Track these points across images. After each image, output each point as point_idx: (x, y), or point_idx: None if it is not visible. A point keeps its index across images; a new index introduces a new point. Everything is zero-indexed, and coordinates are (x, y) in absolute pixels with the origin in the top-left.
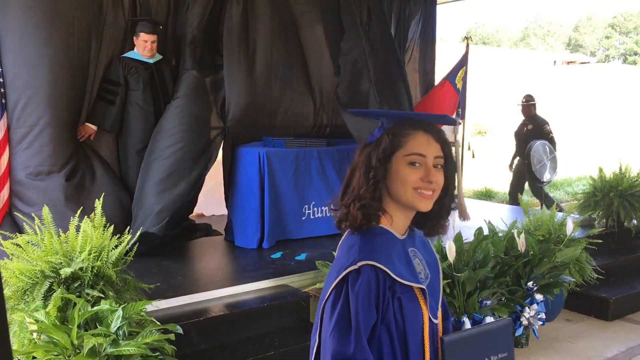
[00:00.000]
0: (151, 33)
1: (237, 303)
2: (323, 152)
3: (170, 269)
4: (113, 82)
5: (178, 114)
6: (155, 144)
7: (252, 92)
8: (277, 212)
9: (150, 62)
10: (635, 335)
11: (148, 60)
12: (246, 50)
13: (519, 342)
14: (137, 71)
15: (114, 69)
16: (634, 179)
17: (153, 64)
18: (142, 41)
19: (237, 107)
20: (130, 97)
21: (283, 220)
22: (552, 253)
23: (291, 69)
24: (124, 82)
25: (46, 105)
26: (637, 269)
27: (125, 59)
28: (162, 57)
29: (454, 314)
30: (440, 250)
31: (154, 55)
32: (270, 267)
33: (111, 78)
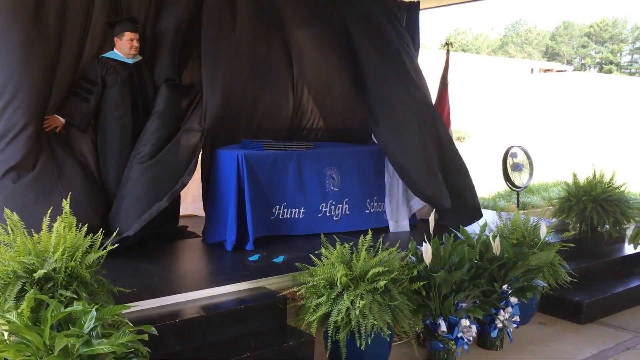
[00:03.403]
0: (134, 31)
1: (214, 305)
2: (302, 155)
3: (146, 271)
4: (90, 80)
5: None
6: (137, 154)
7: (231, 94)
8: (258, 214)
9: (130, 63)
10: (608, 339)
11: (127, 60)
12: (225, 51)
13: (494, 345)
14: (116, 71)
15: (92, 68)
16: (607, 184)
17: (132, 65)
18: (128, 40)
19: (216, 109)
20: (108, 97)
21: (258, 222)
22: (527, 256)
23: (273, 71)
24: (101, 82)
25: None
26: (609, 273)
27: (104, 59)
28: (141, 58)
29: (429, 315)
30: (416, 253)
31: (134, 55)
32: (248, 269)
33: (88, 76)
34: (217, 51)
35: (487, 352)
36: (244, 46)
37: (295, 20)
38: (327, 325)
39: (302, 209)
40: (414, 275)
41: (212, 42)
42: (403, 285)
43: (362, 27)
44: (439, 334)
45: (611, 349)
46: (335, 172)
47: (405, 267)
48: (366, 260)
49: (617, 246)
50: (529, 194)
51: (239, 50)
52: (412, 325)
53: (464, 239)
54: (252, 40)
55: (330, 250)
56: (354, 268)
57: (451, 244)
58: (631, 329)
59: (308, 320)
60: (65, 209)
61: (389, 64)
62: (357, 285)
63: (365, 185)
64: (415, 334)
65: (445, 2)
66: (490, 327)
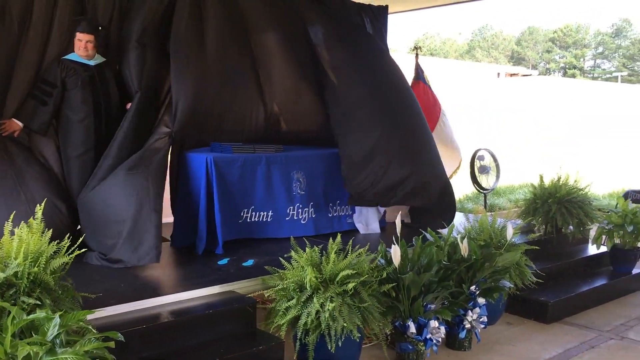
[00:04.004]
0: (86, 32)
1: (182, 310)
2: (271, 159)
3: (112, 276)
4: (49, 82)
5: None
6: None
7: (201, 97)
8: (230, 217)
9: (91, 64)
10: (572, 337)
11: (88, 62)
12: (196, 53)
13: (462, 345)
14: (76, 73)
15: (52, 70)
16: (571, 186)
17: (94, 66)
18: (77, 40)
19: (185, 112)
20: (69, 100)
21: (226, 225)
22: (494, 258)
23: (243, 74)
24: (61, 85)
25: None
26: (574, 273)
27: (64, 60)
28: (104, 59)
29: (399, 317)
30: (385, 255)
31: (92, 56)
32: (217, 273)
33: (48, 79)
34: (186, 55)
35: (455, 352)
36: (212, 50)
37: (262, 25)
38: (296, 328)
39: (270, 212)
40: (383, 278)
41: (181, 45)
42: (372, 288)
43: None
44: (408, 335)
45: (576, 347)
46: (302, 176)
47: (375, 269)
48: (336, 263)
49: (581, 247)
50: (496, 196)
51: (208, 54)
52: (382, 327)
53: (433, 240)
54: (221, 44)
55: (300, 253)
56: (324, 271)
57: (420, 245)
58: (595, 328)
59: (278, 324)
60: (37, 214)
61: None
62: (327, 288)
63: (330, 188)
64: (385, 335)
65: (413, 7)
66: (458, 328)
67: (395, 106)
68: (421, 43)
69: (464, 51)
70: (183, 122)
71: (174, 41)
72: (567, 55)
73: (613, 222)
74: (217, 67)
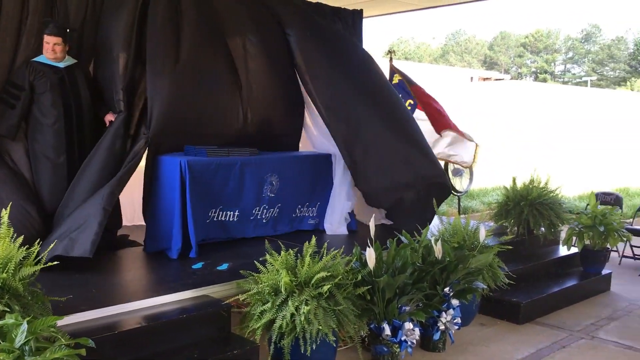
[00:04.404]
0: (54, 35)
1: (155, 315)
2: (246, 162)
3: (84, 282)
4: (17, 86)
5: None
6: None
7: (177, 101)
8: (203, 221)
9: (60, 67)
10: (544, 337)
11: (58, 64)
12: (171, 56)
13: (437, 347)
14: (45, 75)
15: (20, 73)
16: (542, 189)
17: (64, 69)
18: (45, 43)
19: (161, 117)
20: (39, 103)
21: (208, 228)
22: (467, 259)
23: (219, 77)
24: (29, 88)
25: None
26: (545, 274)
27: (33, 63)
28: (75, 61)
29: (374, 320)
30: (360, 257)
31: (61, 59)
32: (191, 277)
33: (16, 82)
34: (162, 59)
35: (430, 354)
36: (188, 53)
37: (237, 28)
38: (271, 332)
39: (236, 212)
40: (358, 280)
41: (156, 50)
42: (347, 290)
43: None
44: (383, 337)
45: (547, 347)
46: (275, 179)
47: (350, 272)
48: (310, 265)
49: (552, 248)
50: (469, 198)
51: (184, 58)
52: (357, 329)
53: (407, 242)
54: (197, 47)
55: (274, 256)
56: (299, 274)
57: (394, 248)
58: (566, 328)
59: (252, 328)
60: (3, 219)
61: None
62: (302, 291)
63: (301, 191)
64: (360, 338)
65: (387, 11)
66: (432, 329)
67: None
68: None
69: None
70: (159, 127)
71: (149, 46)
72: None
73: (583, 223)
74: (193, 71)
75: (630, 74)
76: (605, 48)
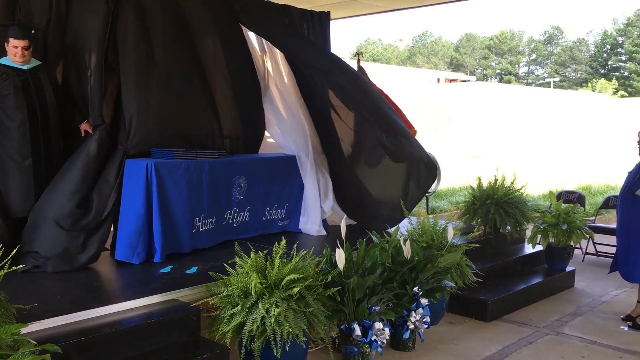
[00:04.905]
0: (21, 38)
1: (123, 320)
2: (214, 164)
3: (49, 288)
4: None
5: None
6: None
7: (152, 108)
8: (169, 225)
9: (24, 69)
10: (511, 335)
11: (21, 66)
12: (144, 63)
13: (407, 346)
14: (9, 78)
15: None
16: (508, 188)
17: (28, 71)
18: (12, 47)
19: (140, 128)
20: (2, 105)
21: (175, 234)
22: (435, 259)
23: (185, 80)
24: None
25: None
26: (511, 272)
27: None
28: (40, 63)
29: (344, 320)
30: (330, 259)
31: (28, 62)
32: (159, 281)
33: None
34: (135, 65)
35: (400, 353)
36: (160, 58)
37: (204, 30)
38: (242, 335)
39: (214, 219)
40: (328, 281)
41: (129, 56)
42: (318, 292)
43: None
44: (353, 338)
45: (514, 344)
46: (243, 181)
47: (320, 273)
48: (280, 267)
49: (518, 246)
50: (437, 198)
51: (156, 63)
52: (328, 330)
53: (377, 242)
54: (167, 51)
55: (244, 259)
56: (269, 276)
57: (364, 248)
58: (532, 324)
59: (222, 331)
60: None
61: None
62: (272, 293)
63: (269, 193)
64: (331, 339)
65: (354, 13)
66: (402, 328)
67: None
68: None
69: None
70: (138, 138)
71: (122, 54)
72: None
73: (547, 221)
74: (166, 77)
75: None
76: (567, 50)
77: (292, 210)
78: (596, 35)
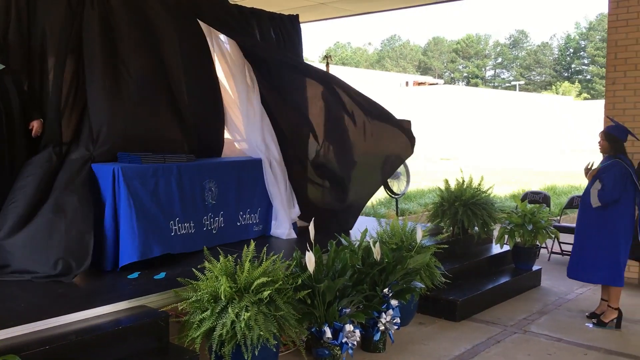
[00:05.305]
0: None
1: (89, 328)
2: (183, 168)
3: (11, 296)
4: None
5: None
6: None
7: (120, 116)
8: (139, 230)
9: None
10: (480, 334)
11: None
12: (109, 67)
13: (377, 347)
14: None
15: None
16: (475, 189)
17: None
18: None
19: (108, 135)
20: None
21: (147, 238)
22: (405, 260)
23: (150, 84)
24: None
25: None
26: (480, 272)
27: None
28: (3, 67)
29: (315, 323)
30: (300, 262)
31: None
32: (127, 287)
33: None
34: (100, 70)
35: (370, 355)
36: (125, 63)
37: (167, 35)
38: (211, 340)
39: (192, 223)
40: (298, 284)
41: (94, 61)
42: (288, 295)
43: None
44: (324, 340)
45: (483, 343)
46: (214, 185)
47: (290, 276)
48: (250, 271)
49: (485, 246)
50: (407, 200)
51: (121, 68)
52: (298, 333)
53: (347, 244)
54: (132, 57)
55: (213, 263)
56: (239, 280)
57: (334, 251)
58: (501, 323)
59: (192, 337)
60: None
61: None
62: (242, 297)
63: (240, 197)
64: (302, 342)
65: (323, 16)
66: (373, 330)
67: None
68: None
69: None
70: (107, 146)
71: (88, 62)
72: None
73: (514, 222)
74: (131, 82)
75: (555, 79)
76: (531, 54)
77: (265, 214)
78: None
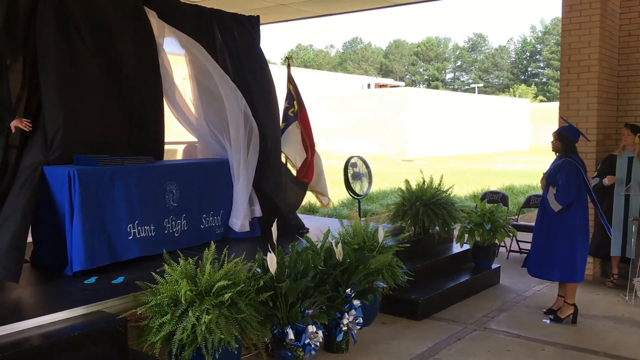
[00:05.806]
0: None
1: (44, 334)
2: (142, 170)
3: None
4: None
5: None
6: None
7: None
8: (96, 233)
9: None
10: (441, 332)
11: None
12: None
13: (340, 348)
14: None
15: None
16: (436, 189)
17: None
18: None
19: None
20: None
21: (104, 242)
22: (367, 260)
23: (103, 86)
24: None
25: None
26: (441, 271)
27: None
28: None
29: (277, 325)
30: (262, 263)
31: None
32: (83, 292)
33: None
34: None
35: (333, 355)
36: (79, 64)
37: (119, 37)
38: (171, 344)
39: (152, 226)
40: (260, 286)
41: (48, 63)
42: (250, 297)
43: None
44: (287, 342)
45: (444, 341)
46: (175, 187)
47: (252, 278)
48: (211, 274)
49: (446, 245)
50: (369, 201)
51: (75, 69)
52: (261, 336)
53: (309, 245)
54: (86, 58)
55: (173, 266)
56: (199, 283)
57: (296, 252)
58: (461, 321)
59: (151, 341)
60: None
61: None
62: (203, 301)
63: (203, 199)
64: (264, 344)
65: (284, 18)
66: (335, 330)
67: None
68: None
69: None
70: (61, 150)
71: (42, 65)
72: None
73: (473, 221)
74: (86, 84)
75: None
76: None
77: (227, 216)
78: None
